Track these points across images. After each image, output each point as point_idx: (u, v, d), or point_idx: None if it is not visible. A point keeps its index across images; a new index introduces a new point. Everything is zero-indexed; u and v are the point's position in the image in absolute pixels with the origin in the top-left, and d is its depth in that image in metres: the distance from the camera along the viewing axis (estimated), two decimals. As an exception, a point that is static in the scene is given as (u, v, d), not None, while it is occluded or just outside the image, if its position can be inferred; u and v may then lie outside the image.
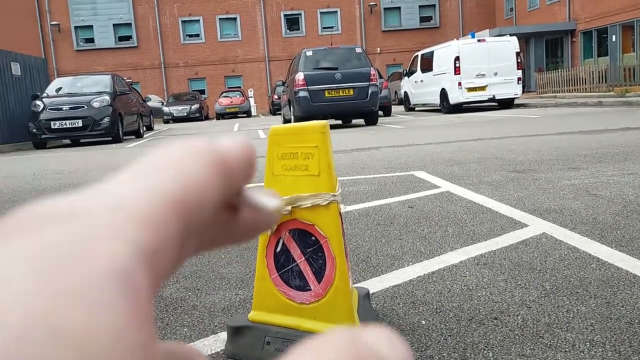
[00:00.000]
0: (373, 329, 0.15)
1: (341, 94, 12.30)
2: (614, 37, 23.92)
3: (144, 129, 16.60)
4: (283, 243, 1.52)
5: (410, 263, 2.31)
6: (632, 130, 7.27)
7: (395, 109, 21.97)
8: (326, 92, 12.21)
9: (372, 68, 12.58)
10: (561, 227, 2.69)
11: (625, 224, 2.66)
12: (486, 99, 15.81)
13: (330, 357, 0.14)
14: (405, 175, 4.73)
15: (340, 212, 1.48)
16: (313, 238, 1.48)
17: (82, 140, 14.37)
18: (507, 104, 16.63)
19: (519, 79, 15.90)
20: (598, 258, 2.19)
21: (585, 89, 20.32)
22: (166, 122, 28.53)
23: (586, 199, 3.28)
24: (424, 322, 1.71)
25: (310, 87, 12.14)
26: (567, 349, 1.47)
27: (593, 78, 20.18)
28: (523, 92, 17.02)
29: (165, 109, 28.71)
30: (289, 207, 1.47)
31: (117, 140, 13.25)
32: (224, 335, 1.68)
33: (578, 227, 2.67)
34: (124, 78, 16.14)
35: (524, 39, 25.51)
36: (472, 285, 1.99)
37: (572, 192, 3.54)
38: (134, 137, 15.39)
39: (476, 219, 2.99)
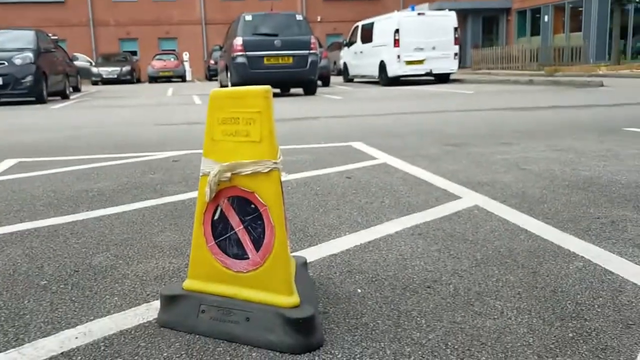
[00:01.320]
0: None
1: (280, 61, 11.99)
2: (546, 17, 24.77)
3: (71, 90, 15.76)
4: (221, 210, 1.47)
5: (347, 233, 2.32)
6: (561, 109, 7.60)
7: (333, 79, 21.93)
8: (265, 58, 11.90)
9: (312, 36, 12.39)
10: (493, 199, 2.79)
11: (552, 198, 2.79)
12: (424, 72, 16.03)
13: None
14: (344, 146, 4.74)
15: (280, 181, 1.45)
16: (253, 206, 1.44)
17: (1, 100, 13.49)
18: (443, 78, 16.95)
19: (455, 54, 16.17)
20: (526, 230, 2.29)
21: (518, 67, 21.05)
22: (94, 83, 27.22)
23: (516, 173, 3.41)
24: (359, 290, 1.72)
25: (248, 53, 11.80)
26: (495, 316, 1.52)
27: (525, 57, 20.92)
28: (459, 67, 17.39)
29: (94, 70, 27.34)
30: (229, 174, 1.43)
31: (40, 100, 12.49)
32: (156, 304, 1.63)
33: (508, 200, 2.78)
34: (49, 35, 15.17)
35: (462, 15, 25.96)
36: (407, 255, 2.03)
37: (504, 166, 3.67)
38: (59, 98, 14.58)
39: (412, 190, 3.05)
